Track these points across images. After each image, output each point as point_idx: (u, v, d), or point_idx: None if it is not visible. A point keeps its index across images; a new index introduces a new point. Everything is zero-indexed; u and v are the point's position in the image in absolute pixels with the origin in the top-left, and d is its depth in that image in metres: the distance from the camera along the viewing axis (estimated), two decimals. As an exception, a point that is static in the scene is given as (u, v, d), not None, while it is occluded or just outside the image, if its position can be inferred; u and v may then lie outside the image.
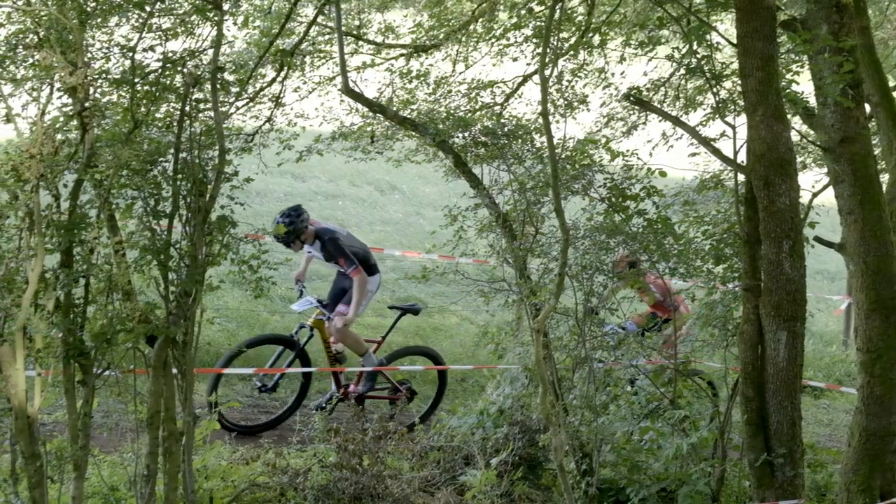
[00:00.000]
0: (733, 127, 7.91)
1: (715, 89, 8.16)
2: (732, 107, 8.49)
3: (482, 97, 11.69)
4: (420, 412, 12.48)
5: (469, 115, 10.68)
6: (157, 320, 6.64)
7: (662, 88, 12.33)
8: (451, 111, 10.62)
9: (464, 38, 12.27)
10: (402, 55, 11.45)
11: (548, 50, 7.82)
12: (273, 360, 11.72)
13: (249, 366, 11.69)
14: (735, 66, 7.82)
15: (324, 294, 12.36)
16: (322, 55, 11.11)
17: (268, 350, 11.94)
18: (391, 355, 12.39)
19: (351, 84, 8.91)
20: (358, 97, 9.06)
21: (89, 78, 6.36)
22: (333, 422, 9.99)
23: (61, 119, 6.38)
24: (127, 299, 6.59)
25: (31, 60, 6.34)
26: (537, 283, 8.91)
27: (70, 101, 6.41)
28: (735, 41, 7.41)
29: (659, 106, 10.16)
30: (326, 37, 11.10)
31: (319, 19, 9.76)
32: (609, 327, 11.12)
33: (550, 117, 8.24)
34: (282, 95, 9.23)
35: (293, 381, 12.18)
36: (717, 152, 8.11)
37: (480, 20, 11.85)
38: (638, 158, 9.19)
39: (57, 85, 6.39)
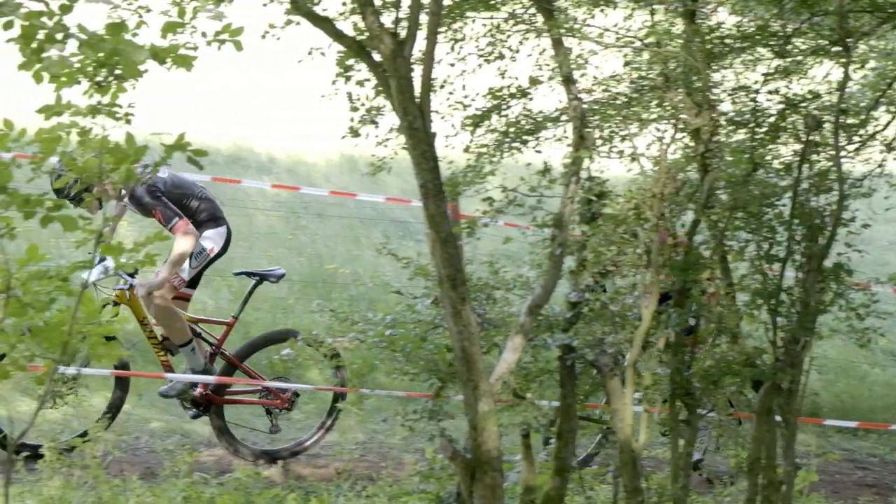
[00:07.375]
0: None
1: None
2: None
3: None
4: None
5: None
6: (763, 365, 6.55)
7: None
8: None
9: None
10: None
11: None
12: None
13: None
14: None
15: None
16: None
17: None
18: (246, 347, 9.65)
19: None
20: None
21: (714, 120, 6.39)
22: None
23: (683, 160, 6.47)
24: (734, 342, 6.56)
25: (656, 101, 6.48)
26: None
27: (691, 142, 6.48)
28: None
29: None
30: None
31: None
32: None
33: None
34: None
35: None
36: None
37: None
38: None
39: (679, 125, 6.48)
